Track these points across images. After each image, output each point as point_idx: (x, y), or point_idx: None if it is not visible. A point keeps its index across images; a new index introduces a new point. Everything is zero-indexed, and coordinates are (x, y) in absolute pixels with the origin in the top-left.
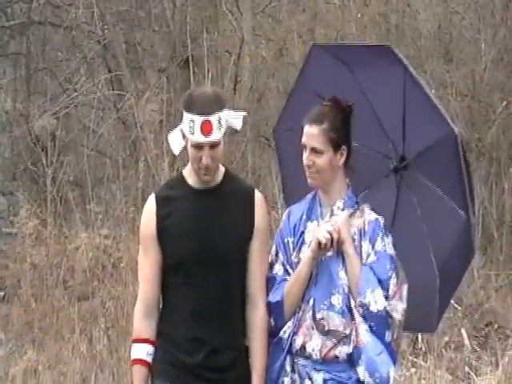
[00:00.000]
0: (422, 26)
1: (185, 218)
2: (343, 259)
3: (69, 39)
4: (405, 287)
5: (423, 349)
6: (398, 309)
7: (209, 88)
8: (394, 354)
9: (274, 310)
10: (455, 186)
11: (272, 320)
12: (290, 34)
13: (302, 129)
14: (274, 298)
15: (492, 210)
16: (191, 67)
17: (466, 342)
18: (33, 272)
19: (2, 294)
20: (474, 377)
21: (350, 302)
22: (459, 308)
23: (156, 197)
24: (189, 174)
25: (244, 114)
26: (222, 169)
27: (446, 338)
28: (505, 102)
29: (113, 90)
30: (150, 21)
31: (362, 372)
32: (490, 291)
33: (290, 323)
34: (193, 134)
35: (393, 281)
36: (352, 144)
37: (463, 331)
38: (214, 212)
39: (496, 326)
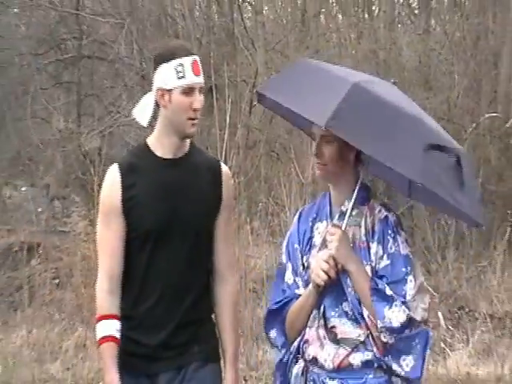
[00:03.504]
0: (405, 61)
1: (152, 188)
2: None
3: (112, 70)
4: (427, 296)
5: None
6: (419, 310)
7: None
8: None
9: (275, 323)
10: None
11: (271, 332)
12: None
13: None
14: (276, 315)
15: None
16: (214, 94)
17: (442, 322)
18: (83, 263)
19: (57, 281)
20: (449, 351)
21: (362, 308)
22: (436, 294)
23: (119, 166)
24: (155, 144)
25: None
26: (188, 140)
27: None
28: (474, 124)
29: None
30: None
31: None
32: (461, 281)
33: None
34: (184, 77)
35: (410, 285)
36: None
37: (439, 314)
38: (183, 182)
39: (467, 310)
